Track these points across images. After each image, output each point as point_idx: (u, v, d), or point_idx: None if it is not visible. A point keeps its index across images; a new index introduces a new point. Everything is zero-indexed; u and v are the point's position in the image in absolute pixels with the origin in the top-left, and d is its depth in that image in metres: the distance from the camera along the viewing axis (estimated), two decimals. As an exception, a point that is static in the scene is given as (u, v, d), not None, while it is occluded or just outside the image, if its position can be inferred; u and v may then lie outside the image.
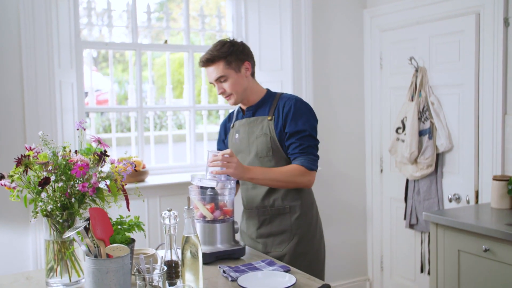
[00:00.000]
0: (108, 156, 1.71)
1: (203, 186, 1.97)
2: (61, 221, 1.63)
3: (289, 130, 2.13)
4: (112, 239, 1.59)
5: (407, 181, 3.39)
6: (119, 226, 1.68)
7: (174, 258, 1.63)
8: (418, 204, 3.30)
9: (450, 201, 3.13)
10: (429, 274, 3.05)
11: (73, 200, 1.62)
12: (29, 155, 1.65)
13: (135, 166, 1.76)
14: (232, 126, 2.34)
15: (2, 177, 1.66)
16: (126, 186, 1.76)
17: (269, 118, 2.18)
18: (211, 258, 1.92)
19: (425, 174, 3.21)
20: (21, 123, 2.72)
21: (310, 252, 2.21)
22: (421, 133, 3.17)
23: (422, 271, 3.37)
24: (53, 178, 1.60)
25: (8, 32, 2.67)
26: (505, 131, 2.83)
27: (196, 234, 1.58)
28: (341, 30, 3.67)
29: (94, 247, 1.51)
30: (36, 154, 1.66)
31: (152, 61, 3.41)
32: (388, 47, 3.57)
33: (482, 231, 2.31)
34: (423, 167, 3.19)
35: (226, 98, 2.22)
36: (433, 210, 3.19)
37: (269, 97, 2.25)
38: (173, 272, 1.63)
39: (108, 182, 1.68)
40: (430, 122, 3.15)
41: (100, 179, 1.66)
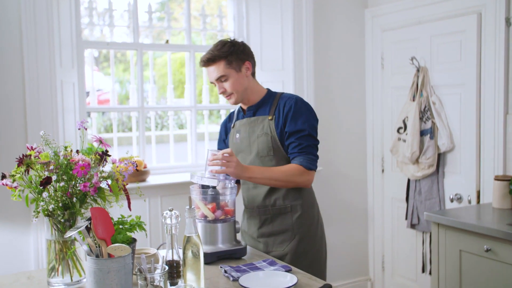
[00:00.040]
0: (109, 155, 1.71)
1: (204, 186, 1.97)
2: (62, 220, 1.64)
3: (288, 130, 2.14)
4: (113, 239, 1.59)
5: (409, 181, 3.39)
6: (121, 226, 1.68)
7: (175, 258, 1.63)
8: (420, 204, 3.30)
9: (452, 201, 3.13)
10: (430, 274, 3.05)
11: (74, 199, 1.62)
12: (30, 155, 1.65)
13: (137, 166, 1.76)
14: (232, 126, 2.34)
15: (3, 176, 1.66)
16: (127, 186, 1.76)
17: (269, 118, 2.18)
18: (213, 258, 1.92)
19: (426, 174, 3.20)
20: (22, 123, 2.72)
21: (312, 251, 2.21)
22: (422, 133, 3.17)
23: (423, 271, 3.37)
24: (54, 177, 1.60)
25: (9, 32, 2.67)
26: (506, 131, 2.83)
27: (197, 234, 1.58)
28: (342, 30, 3.67)
29: (96, 247, 1.51)
30: (37, 153, 1.66)
31: (153, 61, 3.41)
32: (389, 47, 3.57)
33: (483, 231, 2.30)
34: (425, 167, 3.19)
35: (226, 97, 2.22)
36: (434, 210, 3.19)
37: (269, 96, 2.25)
38: (174, 272, 1.63)
39: (109, 181, 1.68)
40: (432, 122, 3.14)
41: (101, 179, 1.66)
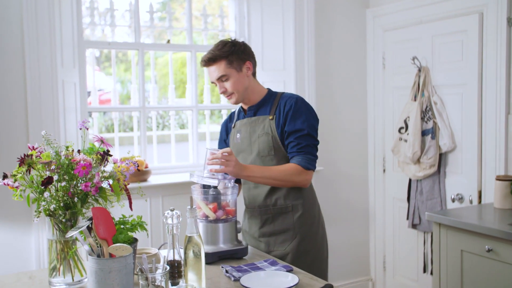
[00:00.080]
0: (110, 155, 1.71)
1: (206, 186, 1.97)
2: (64, 220, 1.64)
3: (288, 129, 2.14)
4: (114, 239, 1.59)
5: (410, 181, 3.39)
6: (122, 226, 1.68)
7: (176, 257, 1.63)
8: (421, 204, 3.30)
9: (453, 201, 3.12)
10: (431, 274, 3.04)
11: (76, 199, 1.62)
12: (32, 155, 1.65)
13: (138, 166, 1.76)
14: (233, 126, 2.34)
15: (5, 176, 1.66)
16: (128, 186, 1.76)
17: (270, 118, 2.19)
18: (214, 257, 1.92)
19: (428, 174, 3.20)
20: (24, 123, 2.72)
21: (313, 250, 2.21)
22: (424, 133, 3.16)
23: (424, 271, 3.37)
24: (56, 177, 1.60)
25: (11, 31, 2.67)
26: (508, 131, 2.82)
27: (198, 233, 1.58)
28: (343, 30, 3.67)
29: (97, 247, 1.51)
30: (39, 153, 1.66)
31: (154, 60, 3.42)
32: (390, 47, 3.57)
33: (485, 231, 2.30)
34: (426, 167, 3.19)
35: (227, 97, 2.22)
36: (436, 210, 3.19)
37: (270, 96, 2.25)
38: (175, 271, 1.63)
39: (110, 181, 1.68)
40: (433, 122, 3.14)
41: (102, 179, 1.66)
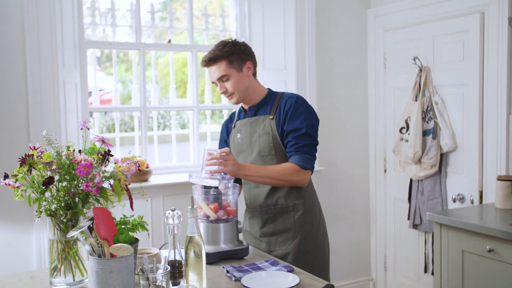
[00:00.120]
0: (111, 155, 1.71)
1: (207, 186, 1.97)
2: (65, 220, 1.64)
3: (287, 128, 2.14)
4: (115, 239, 1.59)
5: (411, 181, 3.38)
6: (123, 226, 1.68)
7: (177, 257, 1.63)
8: (422, 204, 3.29)
9: (454, 201, 3.12)
10: (432, 274, 3.04)
11: (77, 199, 1.62)
12: (33, 155, 1.65)
13: (139, 166, 1.76)
14: (233, 126, 2.34)
15: (6, 176, 1.66)
16: (129, 186, 1.76)
17: (270, 117, 2.19)
18: (215, 258, 1.92)
19: (429, 174, 3.20)
20: (25, 123, 2.72)
21: (314, 249, 2.21)
22: (425, 133, 3.16)
23: (425, 272, 3.36)
24: (57, 177, 1.60)
25: (12, 32, 2.67)
26: (509, 131, 2.82)
27: (199, 234, 1.58)
28: (344, 30, 3.66)
29: (98, 247, 1.51)
30: (40, 153, 1.66)
31: (155, 60, 3.42)
32: (392, 47, 3.56)
33: (486, 232, 2.30)
34: (427, 167, 3.18)
35: (228, 97, 2.22)
36: (437, 210, 3.18)
37: (270, 96, 2.25)
38: (176, 272, 1.63)
39: (111, 181, 1.68)
40: (434, 122, 3.14)
41: (103, 179, 1.66)
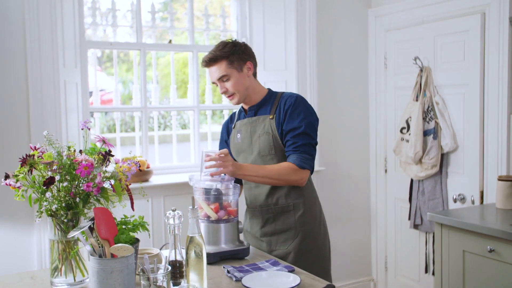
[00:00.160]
0: (112, 155, 1.71)
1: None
2: (65, 220, 1.64)
3: (285, 128, 2.14)
4: (116, 239, 1.59)
5: (412, 181, 3.38)
6: (124, 226, 1.68)
7: (178, 258, 1.63)
8: (423, 204, 3.29)
9: (455, 201, 3.12)
10: (433, 274, 3.04)
11: (77, 199, 1.62)
12: (34, 155, 1.65)
13: (140, 166, 1.76)
14: (233, 127, 2.34)
15: (7, 176, 1.66)
16: (130, 186, 1.76)
17: (270, 117, 2.19)
18: (216, 258, 1.92)
19: (429, 174, 3.20)
20: (25, 123, 2.72)
21: (315, 249, 2.21)
22: (425, 133, 3.16)
23: (426, 272, 3.36)
24: (57, 177, 1.60)
25: (13, 32, 2.68)
26: (510, 131, 2.82)
27: (200, 234, 1.58)
28: (345, 30, 3.66)
29: (99, 247, 1.51)
30: (41, 153, 1.66)
31: (156, 60, 3.42)
32: (392, 47, 3.56)
33: (487, 232, 2.30)
34: (428, 167, 3.18)
35: (228, 97, 2.22)
36: (437, 210, 3.18)
37: (270, 96, 2.25)
38: (177, 272, 1.63)
39: (112, 181, 1.68)
40: (435, 122, 3.14)
41: (104, 179, 1.66)
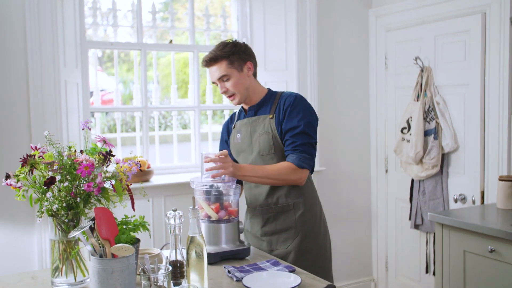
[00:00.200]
0: (113, 156, 1.71)
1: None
2: (66, 220, 1.64)
3: (285, 127, 2.14)
4: (117, 239, 1.59)
5: (412, 181, 3.38)
6: (124, 226, 1.68)
7: (179, 258, 1.63)
8: (423, 204, 3.29)
9: (456, 201, 3.12)
10: (434, 274, 3.04)
11: (78, 199, 1.62)
12: (34, 155, 1.65)
13: (140, 166, 1.76)
14: (233, 127, 2.34)
15: (8, 176, 1.66)
16: (131, 186, 1.76)
17: (270, 117, 2.19)
18: (216, 258, 1.92)
19: (430, 174, 3.20)
20: (26, 123, 2.72)
21: (316, 248, 2.21)
22: (426, 133, 3.16)
23: (427, 272, 3.36)
24: (58, 177, 1.60)
25: (13, 32, 2.68)
26: (511, 131, 2.82)
27: (201, 234, 1.58)
28: (346, 30, 3.66)
29: (99, 247, 1.51)
30: (41, 153, 1.66)
31: (157, 61, 3.42)
32: (393, 47, 3.56)
33: (487, 232, 2.30)
34: (429, 167, 3.18)
35: (229, 97, 2.22)
36: (438, 210, 3.18)
37: (270, 96, 2.26)
38: (178, 272, 1.63)
39: (113, 182, 1.68)
40: (436, 122, 3.13)
41: (105, 179, 1.66)
